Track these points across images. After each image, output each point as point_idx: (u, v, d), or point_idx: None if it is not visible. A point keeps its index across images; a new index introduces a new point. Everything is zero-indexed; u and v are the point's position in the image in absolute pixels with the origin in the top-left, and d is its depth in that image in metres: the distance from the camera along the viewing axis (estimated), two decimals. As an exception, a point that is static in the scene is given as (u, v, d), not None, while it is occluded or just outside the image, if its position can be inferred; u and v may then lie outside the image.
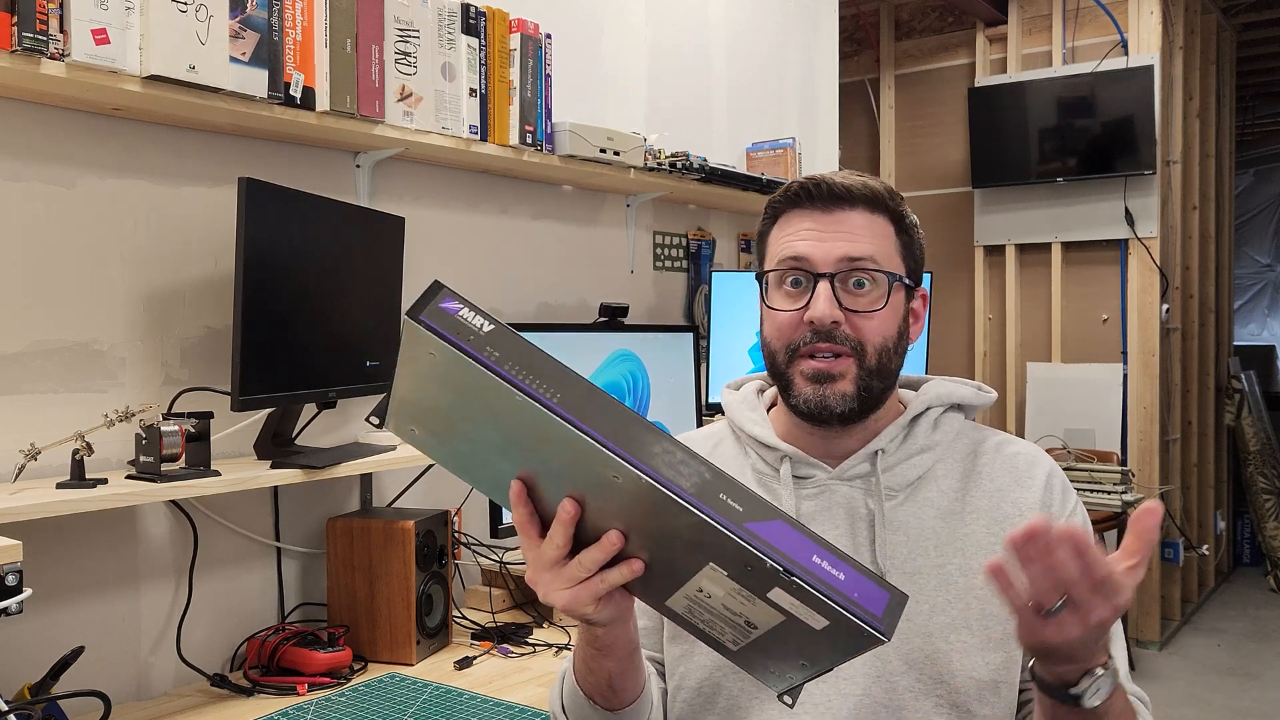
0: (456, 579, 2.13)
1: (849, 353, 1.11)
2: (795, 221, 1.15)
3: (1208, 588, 5.34)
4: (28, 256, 1.62)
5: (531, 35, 2.26)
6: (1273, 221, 8.04)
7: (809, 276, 1.12)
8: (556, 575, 0.86)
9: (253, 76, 1.69)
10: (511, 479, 0.83)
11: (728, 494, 0.74)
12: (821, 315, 1.10)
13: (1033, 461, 1.18)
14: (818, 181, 1.14)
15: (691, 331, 2.56)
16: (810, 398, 1.12)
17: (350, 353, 1.94)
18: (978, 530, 1.13)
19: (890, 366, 1.14)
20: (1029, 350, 4.80)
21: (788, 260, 1.13)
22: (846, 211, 1.13)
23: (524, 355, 0.74)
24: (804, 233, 1.13)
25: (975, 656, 1.09)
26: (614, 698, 1.05)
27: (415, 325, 0.74)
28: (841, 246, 1.11)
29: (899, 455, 1.16)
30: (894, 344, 1.13)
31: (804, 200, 1.15)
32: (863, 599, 0.74)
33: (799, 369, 1.12)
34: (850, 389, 1.11)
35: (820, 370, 1.11)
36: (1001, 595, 0.86)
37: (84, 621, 1.67)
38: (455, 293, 0.76)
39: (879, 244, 1.13)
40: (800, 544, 0.75)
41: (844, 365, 1.11)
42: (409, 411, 0.85)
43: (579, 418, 0.73)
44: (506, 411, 0.75)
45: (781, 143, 3.14)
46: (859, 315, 1.11)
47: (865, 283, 1.12)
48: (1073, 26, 4.62)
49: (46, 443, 1.55)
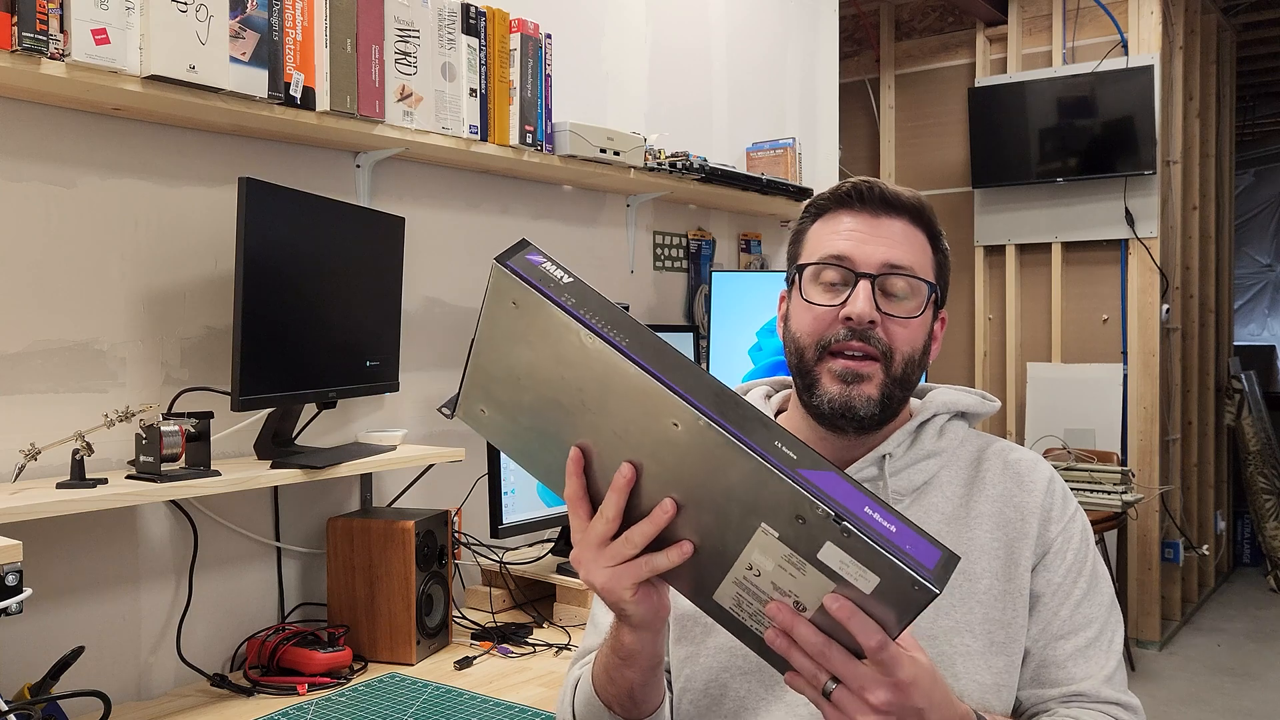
0: (456, 579, 2.13)
1: (878, 356, 1.11)
2: (840, 220, 1.15)
3: (1208, 588, 5.34)
4: (28, 256, 1.62)
5: (531, 35, 2.26)
6: (1273, 221, 8.04)
7: (850, 275, 1.12)
8: (602, 552, 0.86)
9: (253, 76, 1.69)
10: (570, 449, 0.86)
11: (783, 442, 0.76)
12: (860, 313, 1.09)
13: (1034, 467, 1.19)
14: (870, 184, 1.15)
15: (692, 331, 2.56)
16: (835, 397, 1.11)
17: (350, 353, 1.94)
18: (981, 535, 1.14)
19: (912, 378, 1.14)
20: (1029, 350, 4.80)
21: (830, 256, 1.13)
22: (892, 219, 1.14)
23: (600, 306, 0.79)
24: (848, 232, 1.14)
25: (978, 660, 1.09)
26: (634, 708, 1.05)
27: (502, 270, 0.79)
28: (885, 251, 1.12)
29: (906, 460, 1.16)
30: (919, 357, 1.14)
31: (852, 201, 1.15)
32: (915, 551, 0.75)
33: (827, 366, 1.12)
34: (875, 393, 1.11)
35: (849, 369, 1.10)
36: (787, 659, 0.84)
37: (84, 621, 1.67)
38: (539, 249, 0.82)
39: (919, 256, 1.14)
40: (852, 495, 0.76)
41: (872, 368, 1.11)
42: (481, 383, 0.88)
43: (647, 361, 0.77)
44: (579, 360, 0.79)
45: (781, 143, 3.14)
46: (894, 321, 1.11)
47: (904, 290, 1.12)
48: (1073, 26, 4.62)
49: (46, 443, 1.55)
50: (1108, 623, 1.15)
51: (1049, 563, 1.14)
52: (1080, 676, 1.12)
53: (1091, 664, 1.12)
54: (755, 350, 2.76)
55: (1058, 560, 1.14)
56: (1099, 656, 1.13)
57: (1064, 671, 1.12)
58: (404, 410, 2.21)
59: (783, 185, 2.97)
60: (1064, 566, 1.14)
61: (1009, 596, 1.12)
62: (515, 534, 2.06)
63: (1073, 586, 1.14)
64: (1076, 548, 1.15)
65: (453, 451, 2.03)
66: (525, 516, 2.07)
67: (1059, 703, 1.12)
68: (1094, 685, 1.12)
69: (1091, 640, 1.13)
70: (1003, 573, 1.12)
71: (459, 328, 2.33)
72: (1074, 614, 1.13)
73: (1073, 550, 1.15)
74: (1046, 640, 1.13)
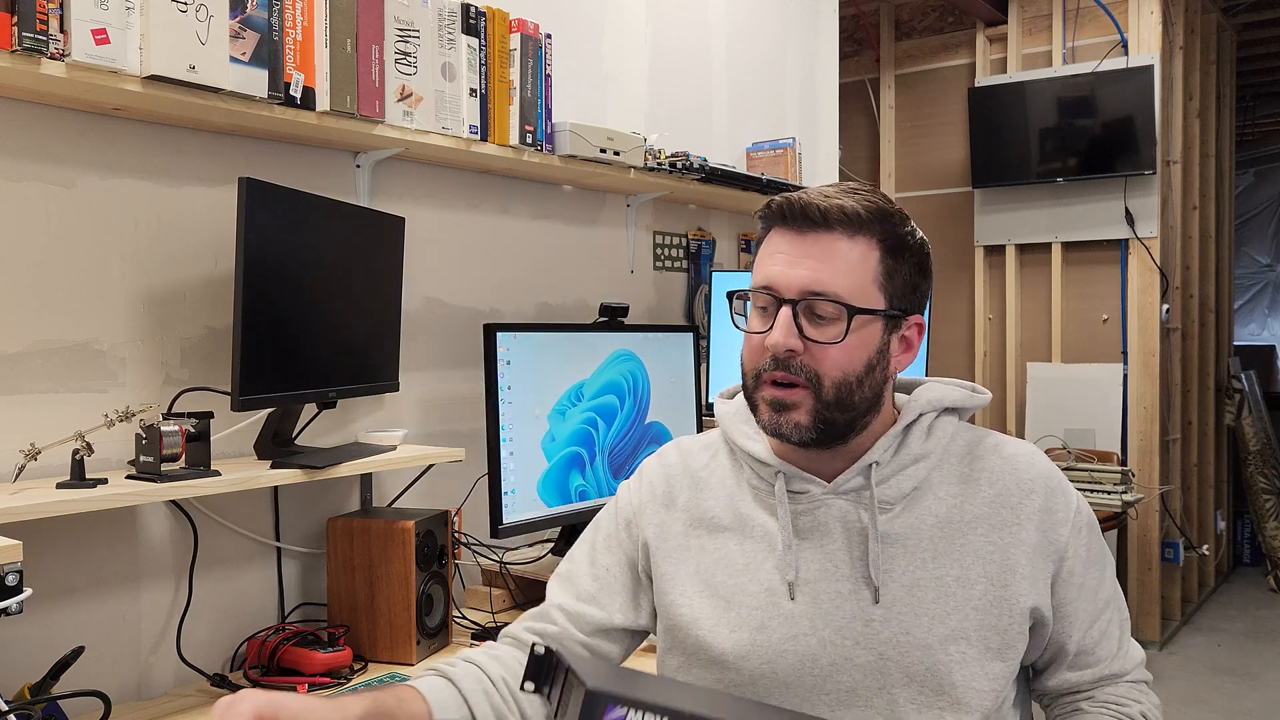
0: (456, 579, 2.13)
1: (804, 383, 1.09)
2: (775, 241, 1.13)
3: (1208, 588, 5.34)
4: (28, 256, 1.62)
5: (531, 35, 2.26)
6: (1273, 221, 8.04)
7: (775, 302, 1.11)
8: None
9: (253, 76, 1.69)
10: None
11: None
12: (775, 344, 1.09)
13: (1030, 463, 1.18)
14: (794, 201, 1.11)
15: (692, 331, 2.56)
16: (768, 424, 1.12)
17: (350, 353, 1.94)
18: (976, 540, 1.13)
19: (853, 399, 1.11)
20: (1029, 350, 4.80)
21: (758, 286, 1.13)
22: (821, 234, 1.10)
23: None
24: (778, 255, 1.11)
25: (975, 667, 1.09)
26: None
27: None
28: (805, 275, 1.09)
29: (893, 467, 1.15)
30: (859, 376, 1.10)
31: (782, 219, 1.12)
32: None
33: (761, 394, 1.12)
34: (805, 420, 1.10)
35: (777, 398, 1.11)
36: None
37: (84, 621, 1.67)
38: (618, 698, 0.73)
39: (852, 273, 1.09)
40: None
41: (798, 395, 1.10)
42: None
43: None
44: None
45: (781, 143, 3.14)
46: (819, 347, 1.09)
47: (831, 313, 1.09)
48: (1073, 26, 4.62)
49: (46, 443, 1.55)
50: (1114, 592, 1.21)
51: (1071, 567, 1.16)
52: (1105, 656, 1.18)
53: (1110, 641, 1.19)
54: (755, 350, 2.76)
55: (1076, 562, 1.16)
56: (1114, 631, 1.19)
57: (1092, 655, 1.18)
58: (404, 410, 2.22)
59: (783, 185, 2.97)
60: (1081, 565, 1.16)
61: (1004, 603, 1.11)
62: (515, 534, 2.06)
63: (1095, 581, 1.18)
64: (1087, 540, 1.17)
65: (453, 451, 2.03)
66: (525, 516, 2.07)
67: (1094, 686, 1.19)
68: (1123, 664, 1.20)
69: (1109, 619, 1.19)
70: (998, 578, 1.12)
71: (459, 328, 2.33)
72: (1094, 601, 1.17)
73: (1084, 545, 1.17)
74: (1079, 633, 1.17)
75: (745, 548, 1.17)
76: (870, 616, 1.11)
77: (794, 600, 1.13)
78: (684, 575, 1.19)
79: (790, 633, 1.12)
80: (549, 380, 2.14)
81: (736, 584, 1.15)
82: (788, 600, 1.13)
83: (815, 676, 1.11)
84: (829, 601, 1.12)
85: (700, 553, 1.19)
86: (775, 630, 1.12)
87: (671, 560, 1.20)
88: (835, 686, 1.10)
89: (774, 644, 1.12)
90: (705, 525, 1.20)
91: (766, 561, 1.15)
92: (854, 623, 1.11)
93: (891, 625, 1.10)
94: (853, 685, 1.10)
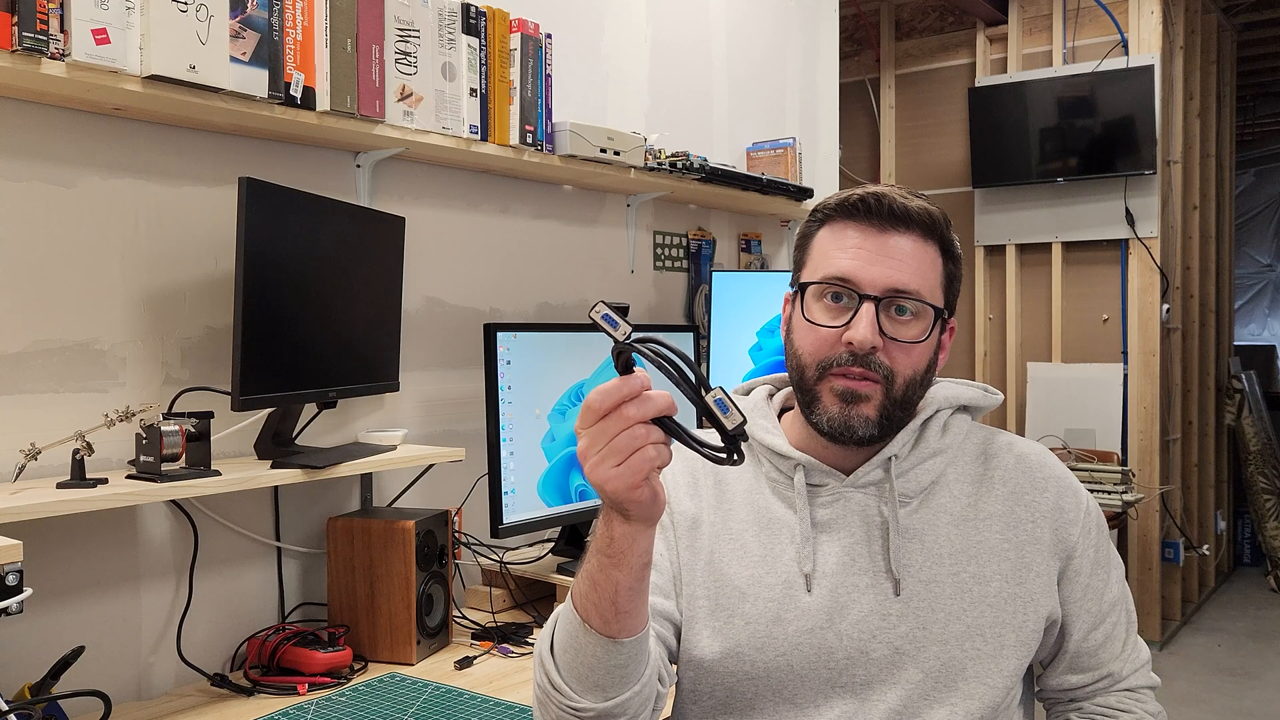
0: (456, 579, 2.13)
1: (879, 379, 1.10)
2: (846, 234, 1.12)
3: (1208, 588, 5.34)
4: (28, 256, 1.62)
5: (532, 35, 2.26)
6: (1273, 221, 8.03)
7: (853, 296, 1.10)
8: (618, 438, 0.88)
9: (253, 76, 1.69)
10: None
11: None
12: (862, 339, 1.08)
13: (1043, 462, 1.19)
14: (879, 196, 1.11)
15: (692, 331, 2.56)
16: (835, 416, 1.10)
17: (350, 353, 1.94)
18: (991, 537, 1.14)
19: (914, 398, 1.13)
20: (1029, 350, 4.80)
21: (833, 277, 1.11)
22: (900, 235, 1.10)
23: None
24: (853, 250, 1.10)
25: (989, 663, 1.10)
26: (615, 621, 0.96)
27: None
28: (890, 273, 1.09)
29: (911, 460, 1.16)
30: (922, 376, 1.13)
31: (860, 214, 1.11)
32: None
33: (828, 385, 1.11)
34: (874, 414, 1.10)
35: (850, 389, 1.10)
36: None
37: (84, 621, 1.67)
38: None
39: (927, 275, 1.11)
40: None
41: (872, 389, 1.10)
42: None
43: None
44: None
45: (782, 143, 3.14)
46: (898, 346, 1.09)
47: (909, 314, 1.10)
48: (1073, 26, 4.62)
49: (47, 443, 1.55)
50: (1122, 595, 1.21)
51: (1077, 566, 1.16)
52: (1107, 659, 1.18)
53: (1114, 644, 1.19)
54: (755, 350, 2.76)
55: (1084, 562, 1.17)
56: (1120, 634, 1.20)
57: (1094, 658, 1.18)
58: (404, 410, 2.22)
59: (783, 185, 2.97)
60: (1089, 566, 1.17)
61: (1019, 600, 1.12)
62: (515, 534, 2.06)
63: (1101, 583, 1.19)
64: (1095, 542, 1.18)
65: (453, 451, 2.03)
66: (525, 516, 2.07)
67: (1089, 693, 1.19)
68: (1121, 666, 1.19)
69: (1115, 622, 1.19)
70: (1013, 575, 1.13)
71: (459, 328, 2.33)
72: (1099, 603, 1.18)
73: (1093, 546, 1.18)
74: (1082, 635, 1.18)
75: (762, 540, 1.17)
76: (888, 610, 1.11)
77: (811, 593, 1.13)
78: (701, 565, 1.19)
79: (807, 625, 1.12)
80: (549, 380, 2.14)
81: (753, 576, 1.15)
82: (805, 593, 1.13)
83: (830, 669, 1.11)
84: (847, 595, 1.12)
85: (717, 543, 1.19)
86: (791, 623, 1.12)
87: (691, 550, 1.20)
88: (850, 680, 1.11)
89: (790, 636, 1.12)
90: (724, 517, 1.20)
91: (784, 554, 1.15)
92: (871, 616, 1.11)
93: (909, 620, 1.10)
94: (868, 678, 1.10)
